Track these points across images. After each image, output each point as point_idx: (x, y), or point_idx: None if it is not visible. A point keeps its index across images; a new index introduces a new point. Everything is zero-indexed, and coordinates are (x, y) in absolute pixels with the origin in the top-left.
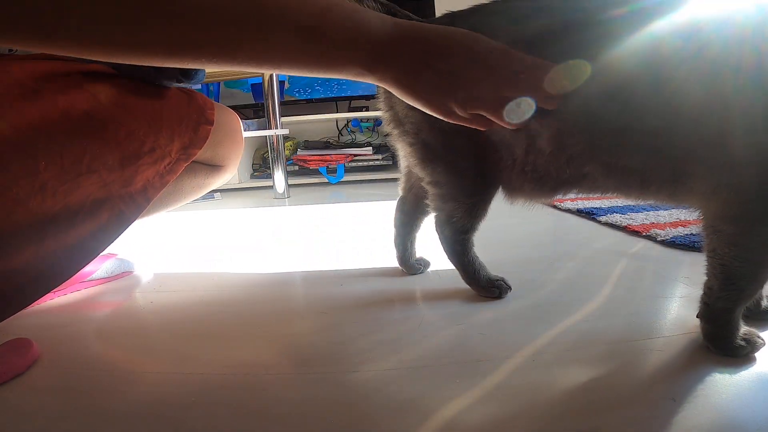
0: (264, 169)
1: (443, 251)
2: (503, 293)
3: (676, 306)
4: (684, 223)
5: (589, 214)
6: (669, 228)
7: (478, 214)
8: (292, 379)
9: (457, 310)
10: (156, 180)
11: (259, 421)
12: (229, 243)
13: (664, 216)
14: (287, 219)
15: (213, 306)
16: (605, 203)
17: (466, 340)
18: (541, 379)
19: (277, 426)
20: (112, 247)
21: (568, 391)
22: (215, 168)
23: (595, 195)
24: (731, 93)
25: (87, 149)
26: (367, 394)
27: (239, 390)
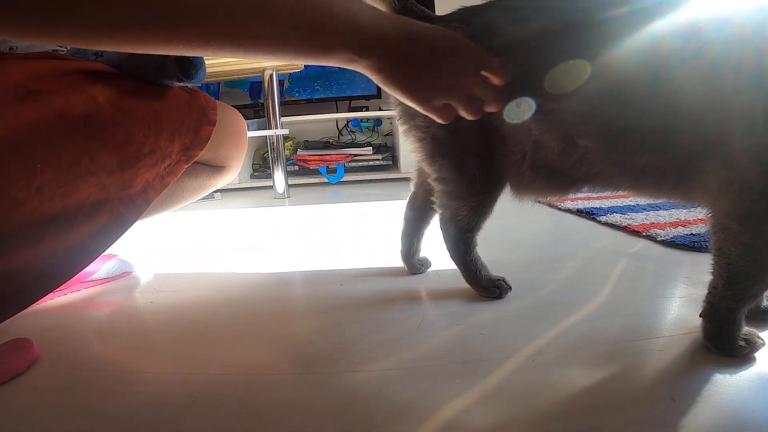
0: (264, 169)
1: (446, 249)
2: (503, 293)
3: (676, 306)
4: (684, 223)
5: (589, 214)
6: (669, 228)
7: (483, 212)
8: (292, 379)
9: (457, 310)
10: (156, 182)
11: (259, 421)
12: (229, 243)
13: (664, 216)
14: (287, 219)
15: (213, 306)
16: (605, 203)
17: (466, 340)
18: (541, 380)
19: (277, 426)
20: (112, 248)
21: (568, 391)
22: (217, 169)
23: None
24: (734, 92)
25: (85, 151)
26: (367, 394)
27: (239, 390)
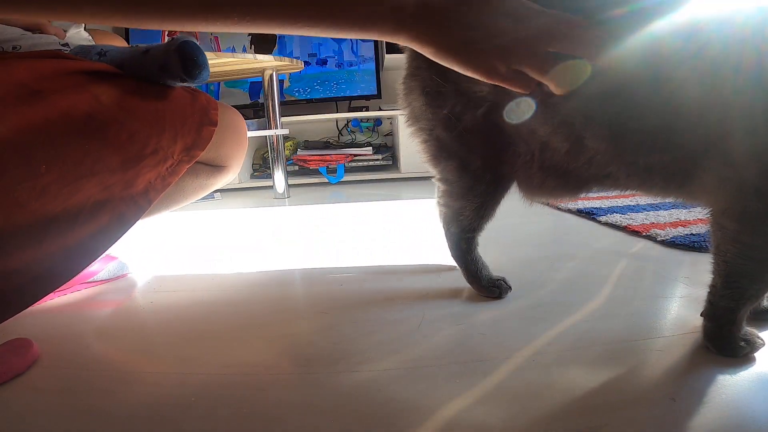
0: (264, 169)
1: (447, 248)
2: (503, 293)
3: (676, 306)
4: (684, 223)
5: (589, 214)
6: (669, 228)
7: (485, 214)
8: (292, 379)
9: (457, 310)
10: (158, 182)
11: (259, 421)
12: (229, 243)
13: (664, 216)
14: (287, 219)
15: (213, 306)
16: (605, 203)
17: (466, 340)
18: (542, 379)
19: (277, 426)
20: (114, 249)
21: (567, 391)
22: (218, 168)
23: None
24: (731, 92)
25: (88, 151)
26: (367, 394)
27: (239, 390)
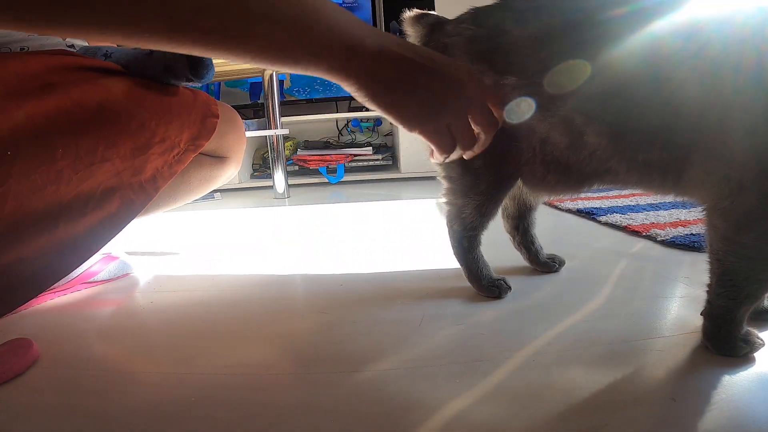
0: (264, 169)
1: (450, 247)
2: (503, 293)
3: (676, 306)
4: (684, 223)
5: (589, 214)
6: (669, 228)
7: (487, 212)
8: (292, 379)
9: (457, 309)
10: (165, 170)
11: (259, 421)
12: (229, 243)
13: (664, 216)
14: (287, 219)
15: (213, 306)
16: (605, 203)
17: (466, 340)
18: (542, 379)
19: (277, 426)
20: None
21: (567, 391)
22: (221, 159)
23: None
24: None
25: (101, 139)
26: (367, 393)
27: (239, 390)
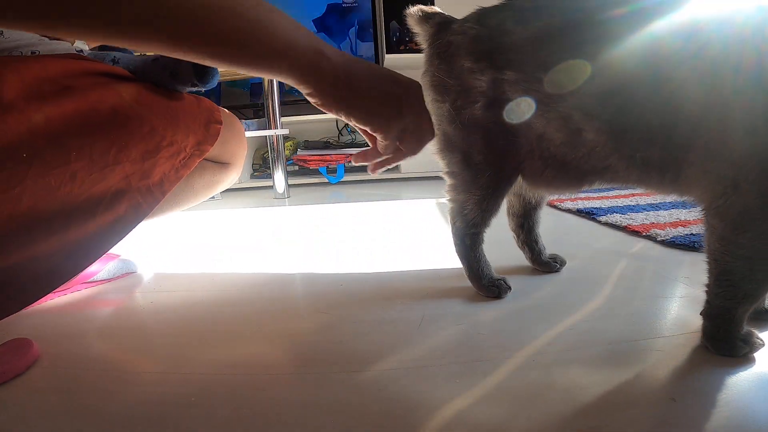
0: (264, 169)
1: (450, 246)
2: (503, 293)
3: (676, 306)
4: (684, 223)
5: (589, 214)
6: (669, 228)
7: (489, 207)
8: (292, 379)
9: (457, 309)
10: (172, 174)
11: (259, 421)
12: (229, 243)
13: (664, 216)
14: (287, 219)
15: (213, 306)
16: (605, 203)
17: (466, 340)
18: (542, 379)
19: (277, 426)
20: (115, 248)
21: (567, 391)
22: (223, 165)
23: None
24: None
25: (114, 142)
26: (368, 393)
27: (239, 390)
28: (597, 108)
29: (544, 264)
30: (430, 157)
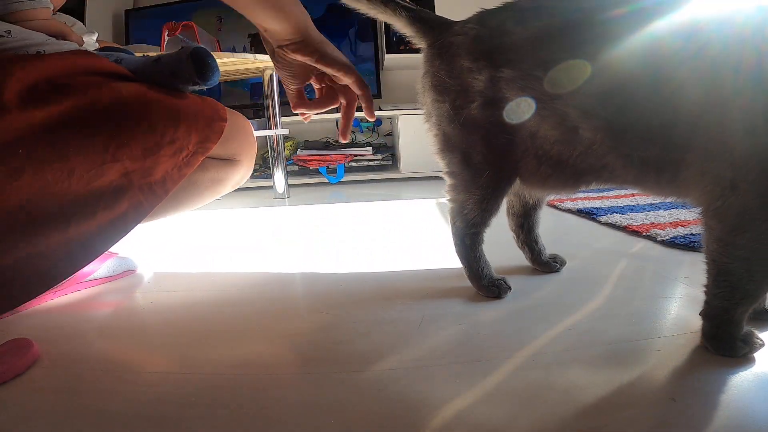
0: (264, 169)
1: (450, 247)
2: (503, 293)
3: (676, 306)
4: (684, 223)
5: (589, 214)
6: (669, 228)
7: (488, 207)
8: (292, 379)
9: (458, 309)
10: (174, 172)
11: (259, 421)
12: (229, 243)
13: (664, 216)
14: (287, 219)
15: (213, 306)
16: (605, 203)
17: (466, 340)
18: (542, 379)
19: (277, 426)
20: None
21: (567, 391)
22: (229, 162)
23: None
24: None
25: (112, 139)
26: (368, 393)
27: (239, 390)
28: (596, 107)
29: (544, 264)
30: (430, 157)
